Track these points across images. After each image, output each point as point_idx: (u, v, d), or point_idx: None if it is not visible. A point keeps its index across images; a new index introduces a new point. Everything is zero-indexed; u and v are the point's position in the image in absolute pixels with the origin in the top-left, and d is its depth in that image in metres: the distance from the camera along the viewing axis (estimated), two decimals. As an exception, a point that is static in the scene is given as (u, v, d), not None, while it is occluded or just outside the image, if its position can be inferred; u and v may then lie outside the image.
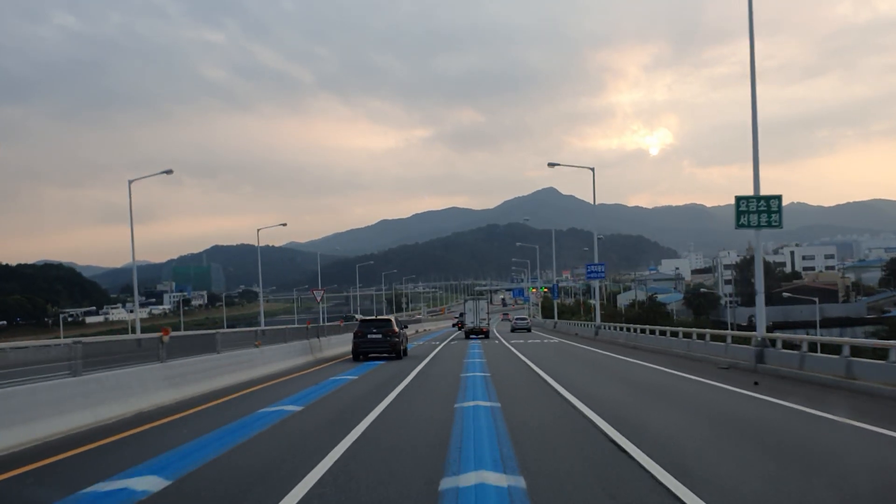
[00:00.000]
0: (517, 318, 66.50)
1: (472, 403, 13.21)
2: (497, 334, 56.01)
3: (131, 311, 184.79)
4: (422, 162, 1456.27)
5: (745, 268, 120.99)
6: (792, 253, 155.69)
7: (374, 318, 31.57)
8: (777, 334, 20.55)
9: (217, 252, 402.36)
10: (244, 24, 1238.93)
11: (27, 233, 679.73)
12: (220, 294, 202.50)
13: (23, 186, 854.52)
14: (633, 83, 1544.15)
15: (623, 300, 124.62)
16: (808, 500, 6.57)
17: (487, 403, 13.23)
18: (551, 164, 49.39)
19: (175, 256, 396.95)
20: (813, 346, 18.16)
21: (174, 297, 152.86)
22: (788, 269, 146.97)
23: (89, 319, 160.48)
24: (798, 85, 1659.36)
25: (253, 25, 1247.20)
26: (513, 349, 33.41)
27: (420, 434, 10.26)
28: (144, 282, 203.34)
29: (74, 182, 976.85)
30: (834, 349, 17.26)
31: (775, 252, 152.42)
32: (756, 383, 15.96)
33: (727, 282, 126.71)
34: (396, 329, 28.52)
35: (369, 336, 27.78)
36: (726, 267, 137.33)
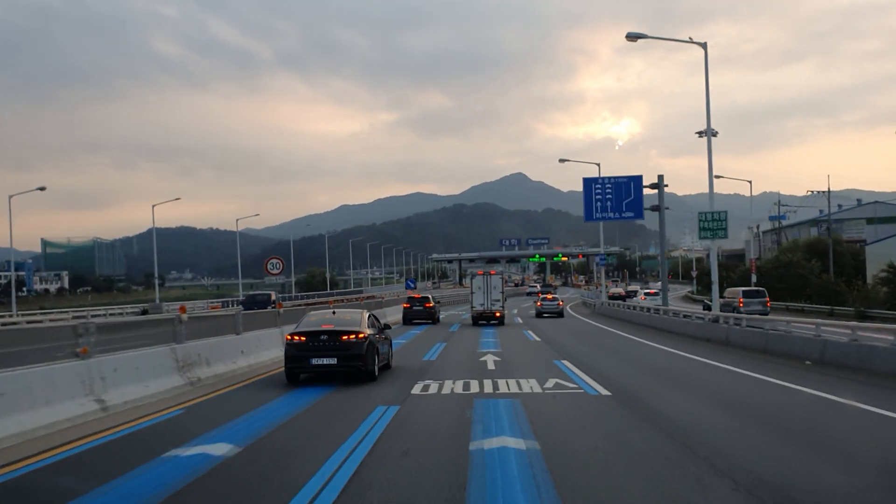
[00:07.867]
0: (544, 301, 54.52)
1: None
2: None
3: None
4: (387, 147, 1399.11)
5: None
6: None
7: (417, 296, 41.72)
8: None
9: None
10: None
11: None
12: (101, 277, 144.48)
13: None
14: (604, 67, 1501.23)
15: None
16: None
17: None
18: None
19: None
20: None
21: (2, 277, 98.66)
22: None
23: None
24: (774, 71, 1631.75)
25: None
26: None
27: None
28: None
29: (21, 164, 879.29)
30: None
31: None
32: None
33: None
34: (432, 304, 40.20)
35: (414, 308, 39.60)
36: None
